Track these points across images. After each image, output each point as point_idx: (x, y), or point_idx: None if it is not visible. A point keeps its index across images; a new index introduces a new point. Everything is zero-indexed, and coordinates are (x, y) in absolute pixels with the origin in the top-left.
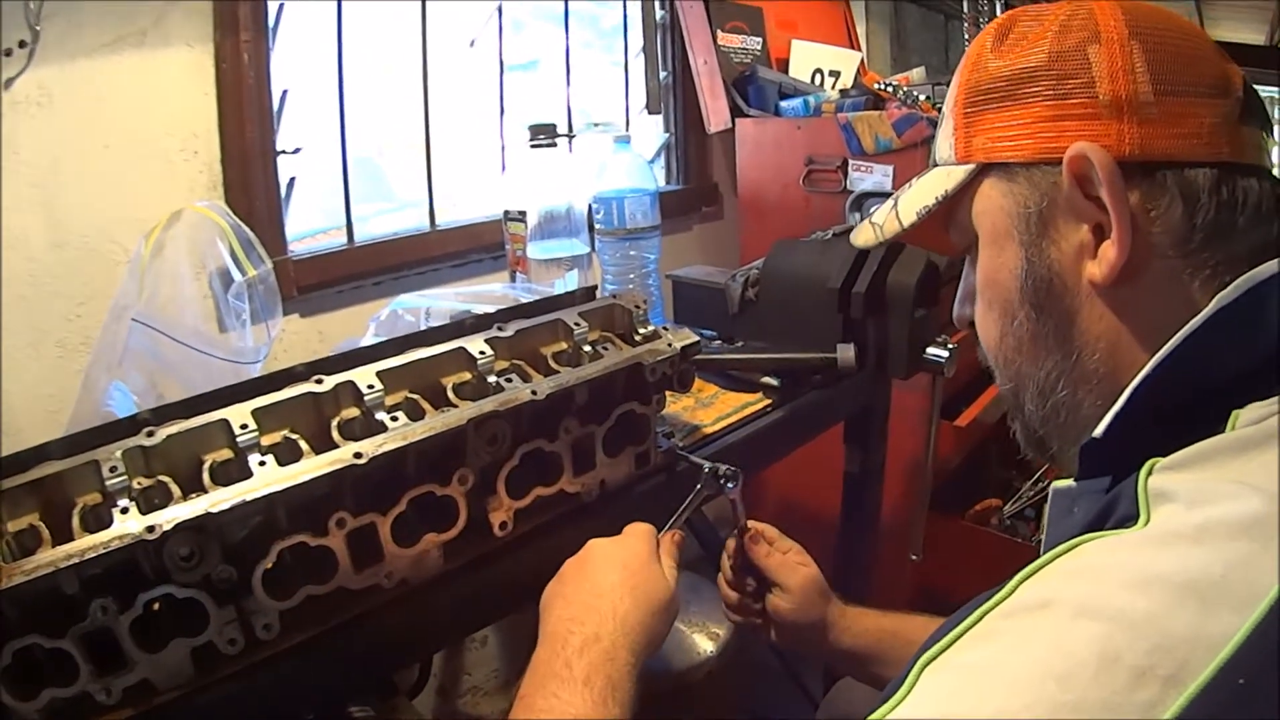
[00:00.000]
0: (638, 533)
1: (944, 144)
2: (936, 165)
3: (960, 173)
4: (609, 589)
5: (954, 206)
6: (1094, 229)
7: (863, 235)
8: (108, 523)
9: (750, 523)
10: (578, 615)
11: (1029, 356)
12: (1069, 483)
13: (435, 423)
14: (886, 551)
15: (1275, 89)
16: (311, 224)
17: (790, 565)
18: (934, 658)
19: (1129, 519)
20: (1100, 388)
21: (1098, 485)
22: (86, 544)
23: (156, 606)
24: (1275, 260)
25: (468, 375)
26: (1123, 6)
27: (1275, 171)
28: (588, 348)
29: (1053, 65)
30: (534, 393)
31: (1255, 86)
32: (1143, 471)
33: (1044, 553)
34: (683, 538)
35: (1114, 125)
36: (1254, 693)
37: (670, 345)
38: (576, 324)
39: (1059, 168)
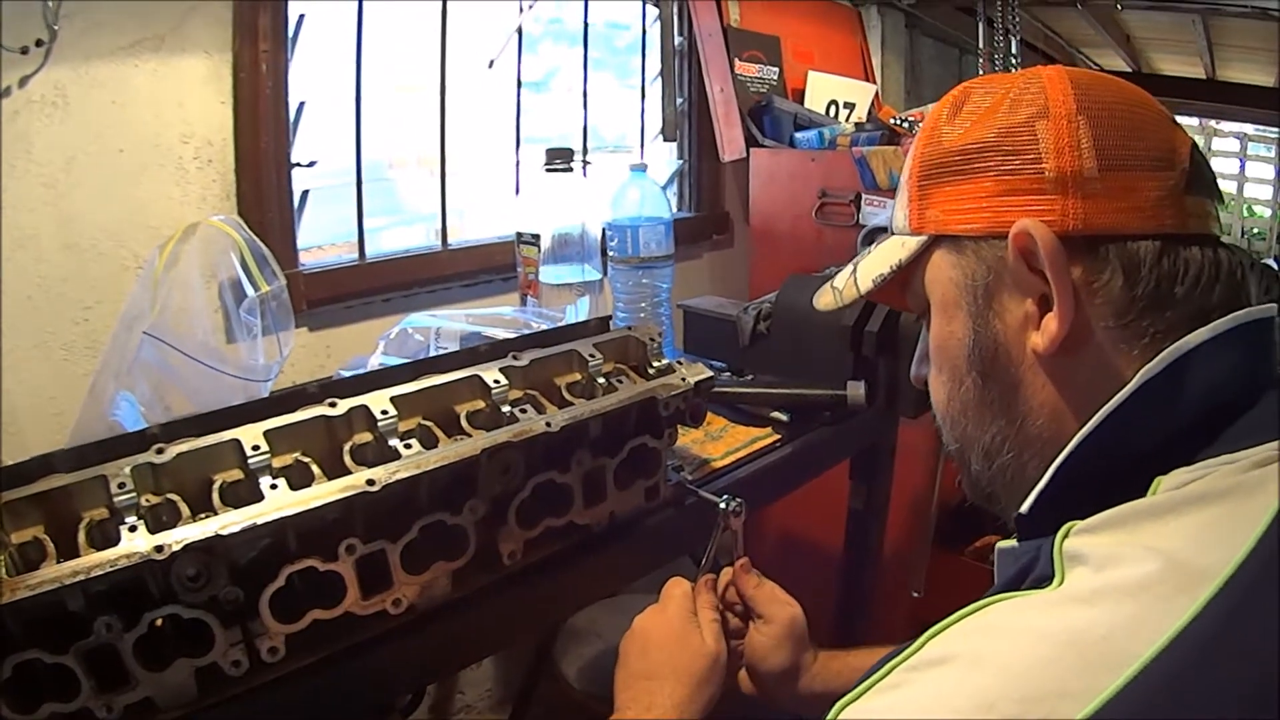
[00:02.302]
0: (674, 597)
1: (900, 214)
2: (893, 234)
3: (914, 243)
4: (656, 669)
5: (909, 274)
6: (1038, 301)
7: (824, 299)
8: (115, 540)
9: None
10: (634, 695)
11: (975, 420)
12: (1012, 543)
13: (449, 452)
14: (887, 587)
15: None
16: (319, 236)
17: (778, 600)
18: (847, 704)
19: (1044, 579)
20: (1043, 451)
21: (1038, 545)
22: (93, 561)
23: (160, 624)
24: (1199, 329)
25: (481, 404)
26: (1073, 79)
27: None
28: (602, 380)
29: (1002, 140)
30: (548, 424)
31: (1264, 128)
32: (1059, 534)
33: None
34: (714, 579)
35: (1059, 200)
36: None
37: (684, 380)
38: (591, 355)
39: (1005, 241)
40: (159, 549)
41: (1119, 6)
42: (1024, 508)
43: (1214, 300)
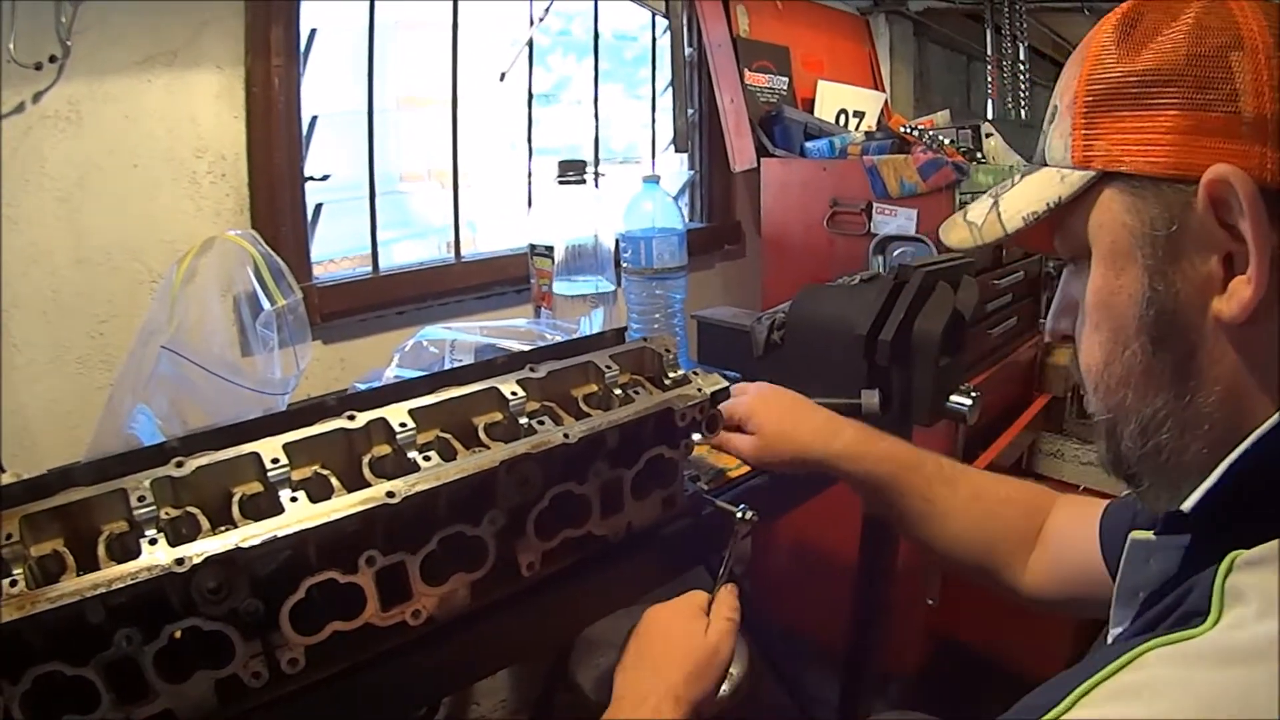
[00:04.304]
0: (686, 596)
1: (1058, 143)
2: (1045, 165)
3: (1077, 178)
4: (656, 656)
5: (1065, 213)
6: (1224, 259)
7: (956, 234)
8: (135, 552)
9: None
10: (630, 681)
11: (1137, 391)
12: (1149, 535)
13: (468, 464)
14: (903, 596)
15: None
16: (329, 249)
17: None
18: None
19: (1197, 615)
20: (1210, 434)
21: (1177, 541)
22: (114, 574)
23: (180, 635)
24: None
25: (499, 415)
26: (1265, 10)
27: None
28: (618, 391)
29: (1190, 69)
30: (566, 436)
31: None
32: (1223, 565)
33: (1116, 595)
34: (735, 587)
35: (1256, 147)
36: None
37: (700, 390)
38: (608, 367)
39: (1193, 187)
40: (180, 562)
41: None
42: (1187, 505)
43: None
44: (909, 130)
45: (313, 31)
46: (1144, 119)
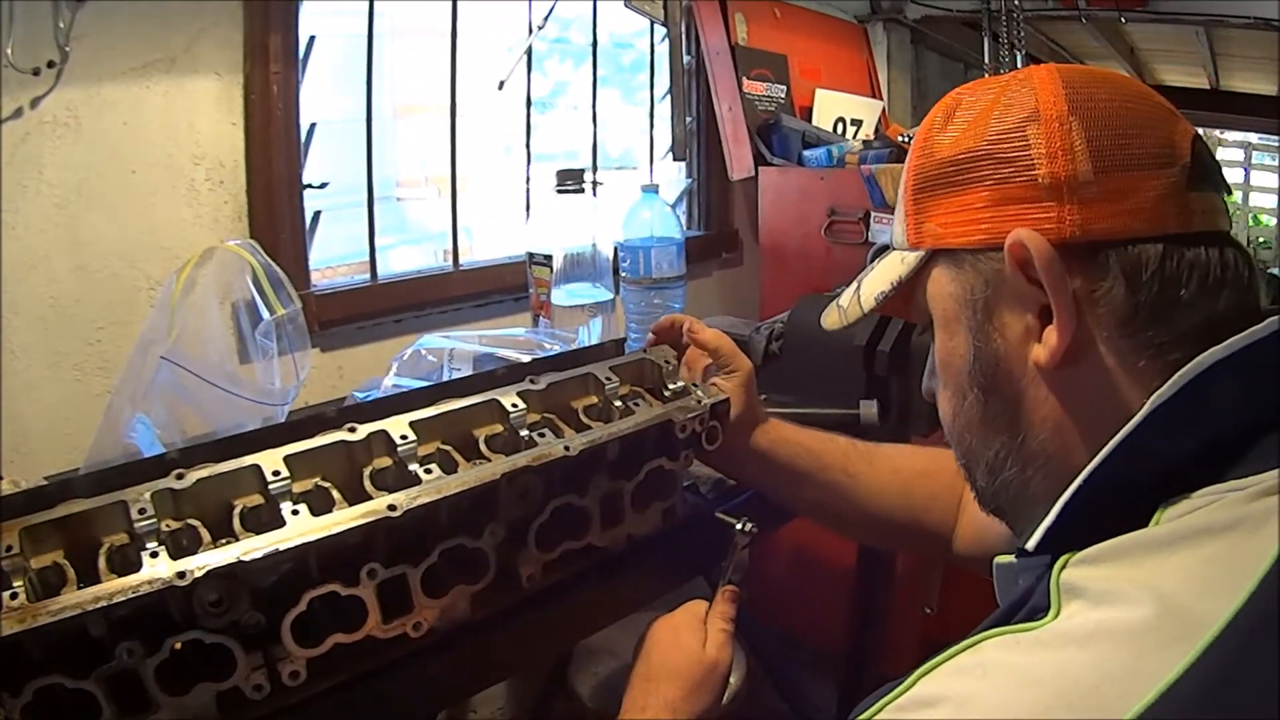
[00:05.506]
0: (686, 606)
1: (898, 229)
2: (893, 249)
3: (913, 259)
4: (654, 670)
5: (912, 290)
6: (1039, 313)
7: (830, 318)
8: (136, 565)
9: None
10: (633, 696)
11: (979, 436)
12: (1010, 559)
13: (469, 477)
14: (900, 604)
15: None
16: (324, 255)
17: (739, 353)
18: None
19: (1039, 611)
20: (1047, 467)
21: (1038, 561)
22: (115, 587)
23: (181, 647)
24: (1213, 349)
25: (500, 427)
26: (1064, 78)
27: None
28: (619, 403)
29: (993, 148)
30: (567, 449)
31: (1268, 136)
32: (1057, 564)
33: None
34: (736, 592)
35: (1054, 208)
36: None
37: (700, 402)
38: (608, 379)
39: (1003, 254)
40: (182, 575)
41: (1123, 19)
42: (1030, 544)
43: (1221, 306)
44: (907, 139)
45: (311, 38)
46: (959, 199)
